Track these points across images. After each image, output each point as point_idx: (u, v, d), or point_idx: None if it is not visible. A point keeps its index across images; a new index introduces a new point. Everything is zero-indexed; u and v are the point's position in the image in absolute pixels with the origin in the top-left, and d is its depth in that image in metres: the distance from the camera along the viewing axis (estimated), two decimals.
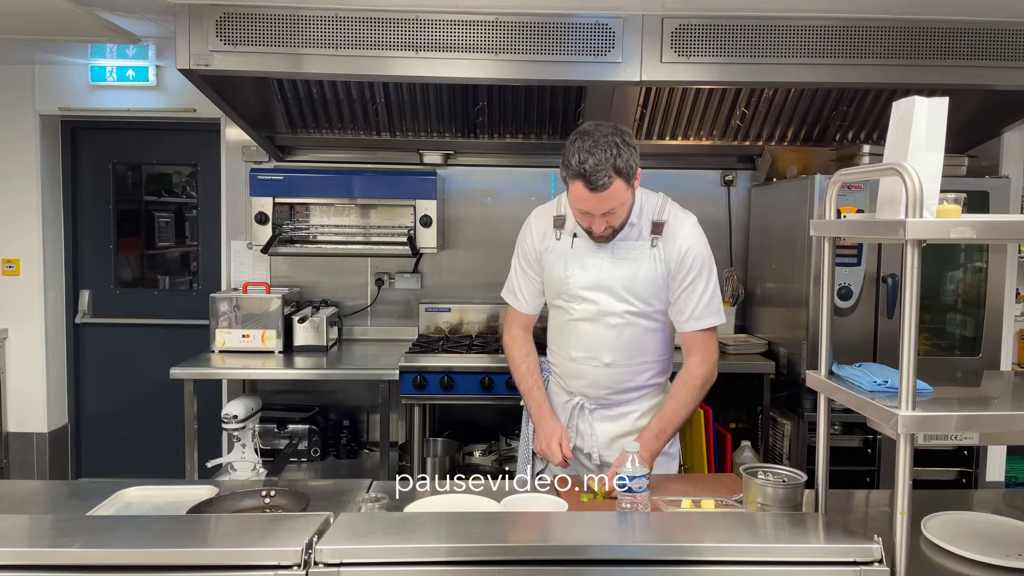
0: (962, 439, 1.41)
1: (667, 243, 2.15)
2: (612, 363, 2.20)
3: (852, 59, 2.97)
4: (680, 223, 2.18)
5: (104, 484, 1.95)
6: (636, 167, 2.02)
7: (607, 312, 2.16)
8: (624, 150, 1.97)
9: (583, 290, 2.18)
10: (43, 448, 4.33)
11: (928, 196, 1.37)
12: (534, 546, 1.43)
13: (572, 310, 2.21)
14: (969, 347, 3.34)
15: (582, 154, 1.95)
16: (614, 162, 1.95)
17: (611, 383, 2.22)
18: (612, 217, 2.06)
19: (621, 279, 2.15)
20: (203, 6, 2.86)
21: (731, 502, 1.82)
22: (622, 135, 2.01)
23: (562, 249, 2.21)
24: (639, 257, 2.15)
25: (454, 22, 2.89)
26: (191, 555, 1.35)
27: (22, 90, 4.19)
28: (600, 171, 1.94)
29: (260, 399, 3.26)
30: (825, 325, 1.63)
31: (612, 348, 2.19)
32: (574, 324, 2.22)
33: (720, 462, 3.36)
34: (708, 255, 2.19)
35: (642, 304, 2.16)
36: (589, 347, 2.20)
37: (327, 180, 3.78)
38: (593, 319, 2.18)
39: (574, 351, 2.23)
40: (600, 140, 1.97)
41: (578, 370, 2.24)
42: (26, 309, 4.28)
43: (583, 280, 2.18)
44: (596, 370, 2.21)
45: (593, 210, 2.02)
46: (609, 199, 1.99)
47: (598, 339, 2.19)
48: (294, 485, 2.01)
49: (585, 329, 2.20)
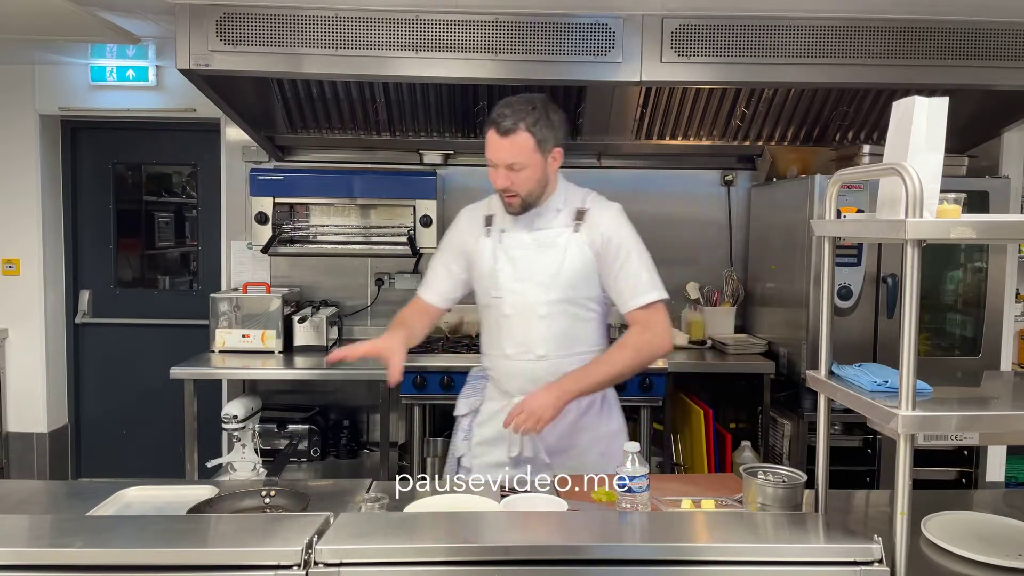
0: (962, 439, 1.41)
1: (591, 228, 2.17)
2: (545, 355, 2.18)
3: (852, 59, 2.98)
4: (603, 210, 2.21)
5: (104, 484, 1.95)
6: (551, 138, 2.09)
7: (535, 303, 2.16)
8: (538, 111, 2.06)
9: (510, 282, 2.18)
10: (43, 448, 4.33)
11: (928, 196, 1.36)
12: (534, 546, 1.43)
13: (502, 306, 2.20)
14: (969, 347, 3.34)
15: (502, 106, 2.07)
16: (525, 116, 2.04)
17: (547, 376, 2.17)
18: (517, 177, 2.08)
19: (546, 267, 2.16)
20: (203, 6, 2.86)
21: (731, 502, 1.82)
22: (545, 104, 2.09)
23: (491, 244, 2.22)
24: (563, 243, 2.16)
25: (454, 22, 2.89)
26: (191, 555, 1.35)
27: (22, 90, 4.19)
28: (508, 117, 2.03)
29: (260, 399, 3.26)
30: (825, 325, 1.63)
31: (543, 339, 2.17)
32: (505, 320, 2.21)
33: (720, 462, 3.37)
34: (634, 235, 2.21)
35: (570, 290, 2.16)
36: (521, 341, 2.19)
37: (327, 180, 3.78)
38: (523, 312, 2.18)
39: (508, 348, 2.22)
40: (522, 98, 2.09)
41: (514, 367, 2.23)
42: (26, 309, 4.28)
43: (510, 272, 2.18)
44: (531, 364, 2.19)
45: (496, 158, 2.07)
46: (511, 147, 2.05)
47: (529, 332, 2.18)
48: (294, 485, 2.01)
49: (516, 323, 2.19)
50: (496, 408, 2.28)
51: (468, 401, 2.37)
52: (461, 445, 2.34)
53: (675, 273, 4.03)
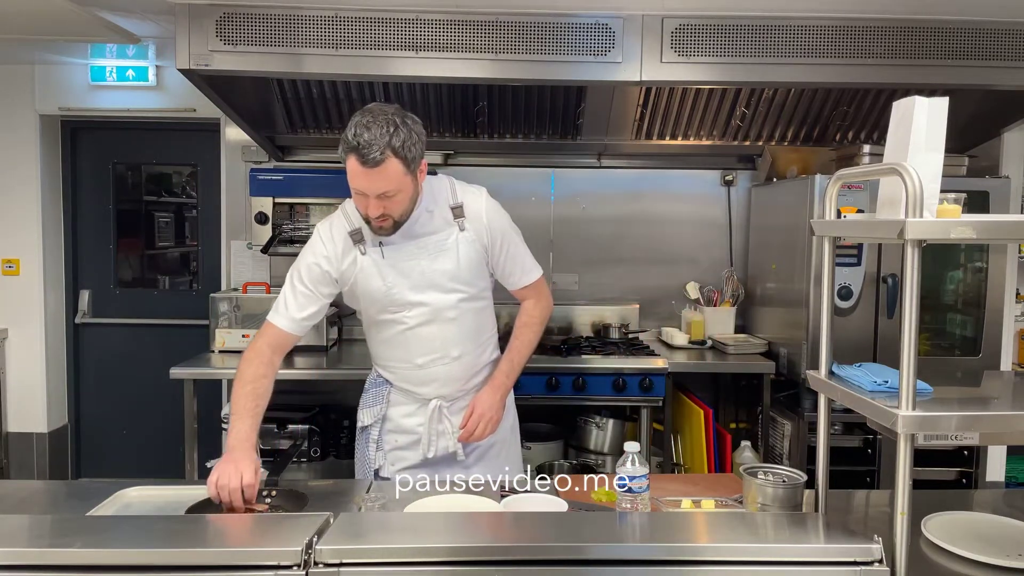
0: (962, 439, 1.41)
1: (474, 223, 2.14)
2: (461, 354, 2.19)
3: (852, 59, 2.97)
4: (475, 198, 2.17)
5: (104, 484, 1.95)
6: (419, 154, 1.96)
7: (442, 308, 2.13)
8: (402, 130, 1.89)
9: (411, 294, 2.11)
10: (43, 448, 4.33)
11: (928, 196, 1.36)
12: (534, 546, 1.43)
13: (405, 319, 2.14)
14: (969, 347, 3.34)
15: (358, 128, 1.88)
16: (389, 140, 1.87)
17: (463, 374, 2.21)
18: (390, 204, 1.96)
19: (445, 271, 2.11)
20: (203, 6, 2.86)
21: (731, 502, 1.82)
22: (404, 117, 1.93)
23: (372, 261, 2.10)
24: (454, 244, 2.12)
25: (454, 22, 2.89)
26: (191, 555, 1.35)
27: (22, 90, 4.19)
28: (373, 146, 1.85)
29: None
30: (825, 325, 1.63)
31: (456, 339, 2.17)
32: (412, 332, 2.15)
33: (720, 462, 3.36)
34: (508, 218, 2.22)
35: (469, 287, 2.16)
36: (435, 347, 2.16)
37: (327, 180, 3.78)
38: (430, 320, 2.14)
39: (419, 357, 2.17)
40: (379, 116, 1.89)
41: (429, 374, 2.19)
42: (26, 309, 4.28)
43: (406, 285, 2.10)
44: (447, 367, 2.19)
45: (367, 190, 1.92)
46: (382, 178, 1.90)
47: (442, 336, 2.15)
48: (294, 485, 2.01)
49: (425, 332, 2.15)
50: (405, 412, 2.25)
51: (372, 411, 2.28)
52: (376, 456, 2.26)
53: (675, 273, 4.06)
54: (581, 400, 3.42)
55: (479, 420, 2.16)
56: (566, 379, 3.34)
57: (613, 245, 4.11)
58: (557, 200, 4.08)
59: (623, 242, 4.10)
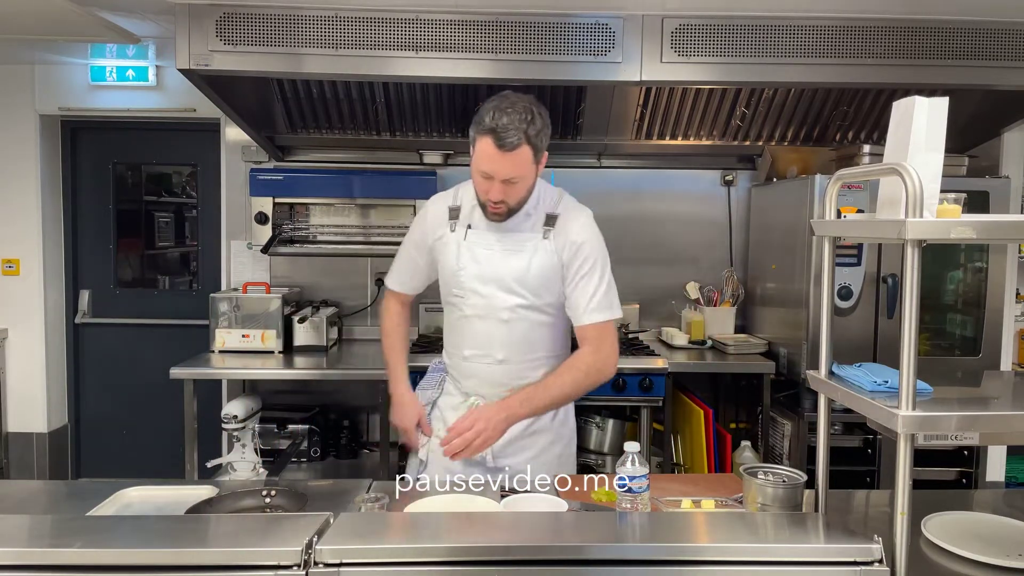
0: (962, 439, 1.41)
1: (560, 235, 2.10)
2: (505, 359, 2.14)
3: (852, 59, 2.98)
4: (574, 216, 2.13)
5: (104, 484, 1.94)
6: (544, 146, 1.99)
7: (498, 306, 2.10)
8: (538, 120, 1.94)
9: (473, 282, 2.11)
10: (43, 448, 4.33)
11: (928, 196, 1.36)
12: (534, 546, 1.43)
13: (463, 306, 2.14)
14: (969, 347, 3.34)
15: (497, 112, 1.91)
16: (526, 128, 1.91)
17: (505, 380, 2.14)
18: (511, 190, 1.99)
19: (512, 271, 2.09)
20: (203, 6, 2.86)
21: (731, 502, 1.82)
22: (539, 108, 1.97)
23: (455, 240, 2.15)
24: (531, 248, 2.09)
25: (454, 22, 2.89)
26: (191, 555, 1.35)
27: (22, 90, 4.18)
28: (511, 130, 1.90)
29: (260, 399, 3.26)
30: (825, 325, 1.63)
31: (504, 344, 2.13)
32: (466, 320, 2.15)
33: (720, 462, 3.36)
34: (602, 249, 2.15)
35: (533, 297, 2.10)
36: (481, 344, 2.14)
37: (327, 180, 3.78)
38: (484, 314, 2.12)
39: (467, 349, 2.17)
40: (517, 104, 1.93)
41: (471, 368, 2.18)
42: (26, 309, 4.28)
43: (474, 271, 2.11)
44: (489, 367, 2.15)
45: (495, 173, 1.95)
46: (513, 164, 1.94)
47: (489, 335, 2.13)
48: (294, 485, 2.01)
49: (476, 325, 2.14)
50: (452, 404, 2.24)
51: (426, 395, 2.31)
52: (420, 439, 2.27)
53: (675, 273, 4.06)
54: (581, 400, 3.40)
55: (474, 434, 1.99)
56: None
57: (613, 245, 4.06)
58: None
59: (623, 242, 4.08)
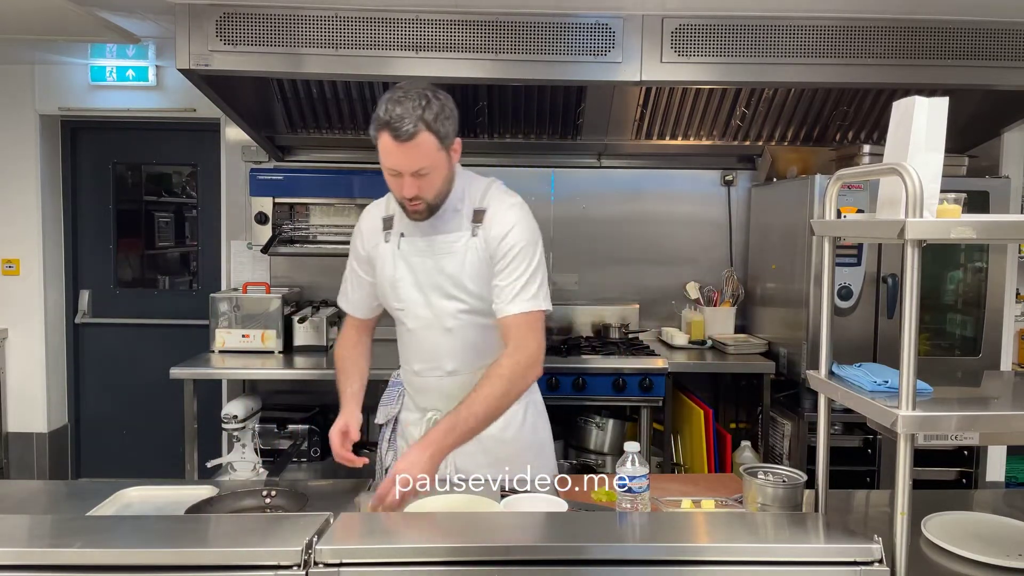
0: (962, 439, 1.41)
1: (487, 229, 1.99)
2: (455, 370, 2.04)
3: (852, 59, 2.98)
4: (500, 205, 2.02)
5: (104, 484, 1.94)
6: (452, 131, 1.89)
7: (440, 314, 2.00)
8: (435, 104, 1.83)
9: (412, 292, 2.02)
10: (43, 448, 4.33)
11: (928, 196, 1.36)
12: (534, 546, 1.43)
13: (405, 319, 2.05)
14: (969, 347, 3.34)
15: (389, 104, 1.81)
16: (422, 113, 1.80)
17: (458, 392, 1.94)
18: (424, 183, 1.87)
19: (449, 275, 1.99)
20: (203, 6, 2.86)
21: (731, 502, 1.82)
22: (435, 93, 1.86)
23: (390, 250, 2.05)
24: (462, 248, 1.98)
25: (454, 22, 2.89)
26: (191, 555, 1.35)
27: (22, 90, 4.19)
28: (405, 119, 1.78)
29: (260, 399, 3.26)
30: (825, 325, 1.62)
31: (452, 354, 2.03)
32: (410, 334, 2.06)
33: (720, 462, 3.36)
34: (531, 237, 1.99)
35: (474, 300, 1.99)
36: (429, 356, 2.06)
37: (327, 180, 3.78)
38: (427, 325, 2.02)
39: (416, 363, 2.09)
40: (411, 91, 1.83)
41: (423, 383, 2.09)
42: (26, 309, 4.28)
43: (410, 281, 2.02)
44: (440, 380, 2.06)
45: (401, 167, 1.84)
46: (416, 153, 1.82)
47: (436, 346, 2.03)
48: (294, 485, 2.01)
49: (422, 337, 2.04)
50: (412, 419, 2.17)
51: (385, 410, 2.24)
52: (387, 456, 2.22)
53: (675, 273, 4.06)
54: (581, 400, 3.42)
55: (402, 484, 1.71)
56: (566, 379, 3.34)
57: (613, 245, 4.11)
58: (557, 200, 4.08)
59: (623, 242, 4.10)
